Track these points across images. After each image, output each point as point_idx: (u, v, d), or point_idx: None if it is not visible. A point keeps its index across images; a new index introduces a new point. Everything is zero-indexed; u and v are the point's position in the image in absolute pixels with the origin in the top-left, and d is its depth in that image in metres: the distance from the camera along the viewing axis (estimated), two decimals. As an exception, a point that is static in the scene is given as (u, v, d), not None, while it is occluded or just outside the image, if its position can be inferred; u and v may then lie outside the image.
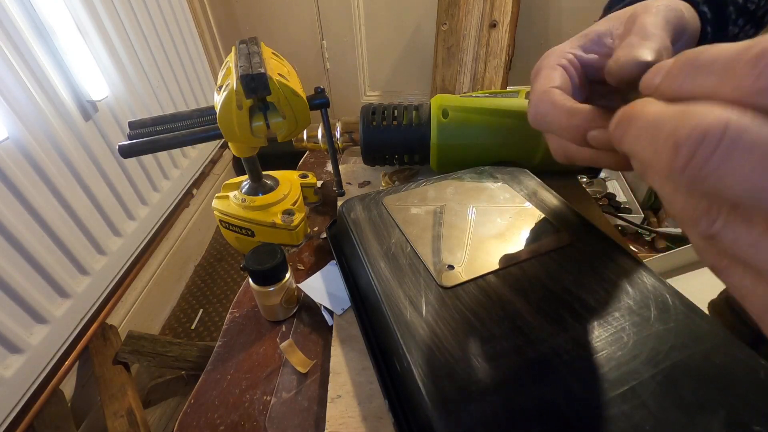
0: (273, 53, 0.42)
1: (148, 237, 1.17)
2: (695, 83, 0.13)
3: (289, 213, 0.45)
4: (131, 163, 1.09)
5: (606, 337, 0.24)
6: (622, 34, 0.22)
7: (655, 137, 0.13)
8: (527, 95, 0.45)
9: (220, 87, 0.38)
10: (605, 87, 0.24)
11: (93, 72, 0.97)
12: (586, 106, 0.20)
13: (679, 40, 0.23)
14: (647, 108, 0.14)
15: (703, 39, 0.26)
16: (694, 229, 0.13)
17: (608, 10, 0.30)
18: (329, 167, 0.61)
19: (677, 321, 0.25)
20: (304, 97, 0.38)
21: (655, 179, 0.14)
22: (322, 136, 0.54)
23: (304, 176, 0.51)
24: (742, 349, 0.23)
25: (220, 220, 0.47)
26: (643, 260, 0.30)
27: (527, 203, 0.37)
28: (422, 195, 0.39)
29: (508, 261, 0.30)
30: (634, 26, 0.21)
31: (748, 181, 0.11)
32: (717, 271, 0.14)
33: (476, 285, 0.29)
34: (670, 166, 0.12)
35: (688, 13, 0.24)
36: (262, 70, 0.34)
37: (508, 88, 0.50)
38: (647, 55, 0.19)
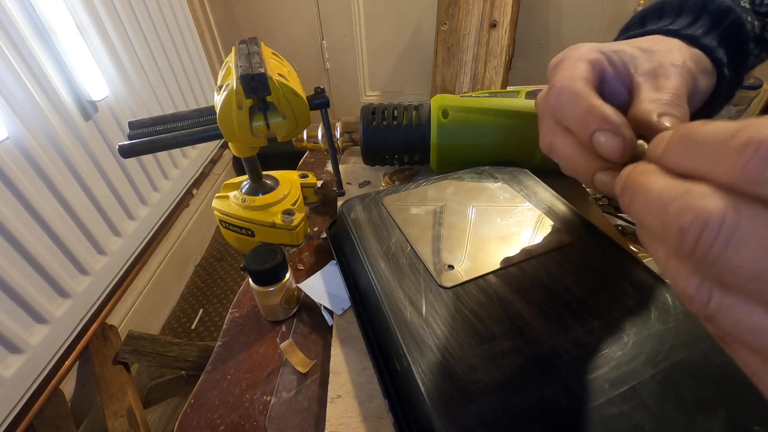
0: (273, 53, 0.42)
1: (148, 237, 1.17)
2: (691, 161, 0.13)
3: (289, 213, 0.45)
4: (131, 163, 1.09)
5: (606, 337, 0.24)
6: (645, 79, 0.23)
7: (662, 215, 0.13)
8: (527, 95, 0.45)
9: (220, 87, 0.38)
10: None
11: (93, 72, 0.97)
12: (611, 110, 0.20)
13: (690, 101, 0.24)
14: (653, 181, 0.14)
15: (721, 81, 0.25)
16: (690, 305, 0.13)
17: (625, 31, 0.30)
18: (329, 167, 0.61)
19: (677, 321, 0.25)
20: (304, 97, 0.38)
21: (659, 250, 0.15)
22: (322, 136, 0.54)
23: (304, 176, 0.51)
24: (742, 349, 0.23)
25: (220, 220, 0.47)
26: (643, 260, 0.30)
27: (527, 203, 0.37)
28: (422, 195, 0.39)
29: (508, 261, 0.30)
30: (660, 85, 0.22)
31: (748, 268, 0.11)
32: (723, 345, 0.14)
33: (476, 285, 0.29)
34: (678, 248, 0.12)
35: (699, 65, 0.24)
36: (262, 70, 0.34)
37: (508, 88, 0.50)
38: (669, 125, 0.20)
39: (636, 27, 0.29)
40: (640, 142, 0.20)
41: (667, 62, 0.23)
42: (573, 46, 0.25)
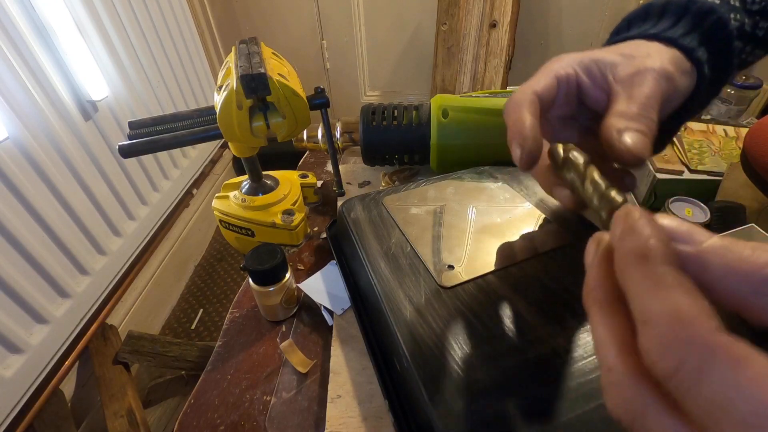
0: (273, 53, 0.42)
1: (148, 237, 1.17)
2: (624, 284, 0.14)
3: (289, 213, 0.45)
4: (131, 163, 1.09)
5: (606, 337, 0.24)
6: (621, 87, 0.24)
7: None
8: None
9: (220, 87, 0.38)
10: (590, 112, 0.26)
11: (93, 72, 0.97)
12: (527, 121, 0.23)
13: (668, 106, 0.25)
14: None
15: (701, 80, 0.26)
16: None
17: (614, 35, 0.31)
18: (329, 167, 0.61)
19: (677, 321, 0.25)
20: (304, 97, 0.38)
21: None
22: (322, 136, 0.54)
23: (304, 176, 0.51)
24: (742, 349, 0.23)
25: (220, 220, 0.47)
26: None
27: (527, 203, 0.37)
28: (422, 195, 0.39)
29: (507, 261, 0.30)
30: (633, 93, 0.23)
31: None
32: None
33: (476, 285, 0.29)
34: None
35: (678, 66, 0.25)
36: (262, 70, 0.34)
37: (508, 88, 0.50)
38: (635, 147, 0.21)
39: (623, 30, 0.30)
40: (571, 149, 0.23)
41: (644, 67, 0.24)
42: (556, 58, 0.27)
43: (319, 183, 0.56)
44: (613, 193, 0.19)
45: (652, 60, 0.24)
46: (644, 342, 0.12)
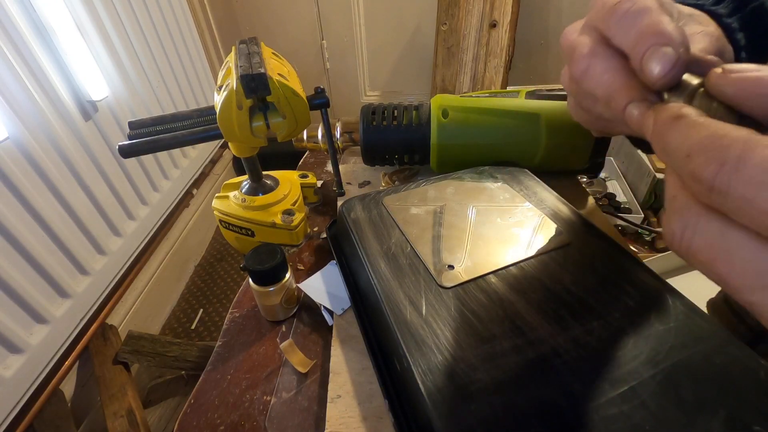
0: (273, 53, 0.42)
1: (148, 237, 1.17)
2: (666, 158, 0.16)
3: (289, 213, 0.45)
4: (131, 163, 1.09)
5: (606, 337, 0.24)
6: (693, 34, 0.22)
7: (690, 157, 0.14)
8: (527, 95, 0.45)
9: (220, 87, 0.38)
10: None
11: (93, 72, 0.97)
12: (674, 27, 0.18)
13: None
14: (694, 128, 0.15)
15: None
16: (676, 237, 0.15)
17: None
18: (329, 167, 0.61)
19: (677, 321, 0.25)
20: (304, 97, 0.38)
21: (672, 176, 0.16)
22: (322, 136, 0.54)
23: (304, 176, 0.51)
24: (742, 349, 0.23)
25: (220, 220, 0.47)
26: (643, 260, 0.30)
27: (527, 203, 0.37)
28: (422, 195, 0.39)
29: (507, 261, 0.30)
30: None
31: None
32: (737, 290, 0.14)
33: (476, 285, 0.29)
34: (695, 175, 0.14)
35: (724, 46, 0.24)
36: (262, 70, 0.34)
37: (508, 88, 0.50)
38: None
39: None
40: (686, 75, 0.18)
41: (708, 29, 0.23)
42: None
43: (319, 183, 0.56)
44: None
45: (711, 27, 0.23)
46: (690, 165, 0.14)
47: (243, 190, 0.47)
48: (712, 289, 0.42)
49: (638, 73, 0.19)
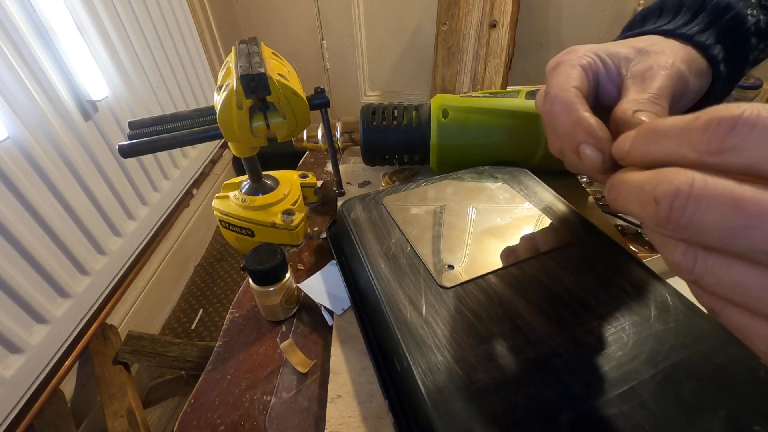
0: (273, 53, 0.42)
1: (148, 237, 1.17)
2: (658, 149, 0.15)
3: (289, 213, 0.45)
4: (131, 163, 1.09)
5: (606, 337, 0.24)
6: (633, 81, 0.24)
7: (640, 197, 0.15)
8: (527, 95, 0.45)
9: (220, 87, 0.38)
10: (598, 106, 0.26)
11: (93, 72, 0.97)
12: (596, 121, 0.22)
13: (679, 102, 0.25)
14: (631, 175, 0.16)
15: (717, 78, 0.26)
16: (679, 272, 0.15)
17: (627, 30, 0.30)
18: (329, 167, 0.61)
19: (677, 321, 0.25)
20: (304, 97, 0.38)
21: (647, 231, 0.17)
22: (322, 136, 0.54)
23: (304, 176, 0.51)
24: (742, 349, 0.23)
25: (220, 220, 0.47)
26: (643, 260, 0.30)
27: (527, 203, 0.37)
28: (422, 195, 0.39)
29: (508, 261, 0.30)
30: (645, 87, 0.23)
31: (717, 226, 0.13)
32: (715, 314, 0.15)
33: (476, 285, 0.29)
34: (655, 219, 0.14)
35: (692, 65, 0.25)
36: (262, 70, 0.34)
37: (508, 88, 0.50)
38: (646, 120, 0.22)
39: (638, 25, 0.30)
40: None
41: (656, 64, 0.24)
42: (570, 49, 0.26)
43: (319, 183, 0.56)
44: None
45: (665, 57, 0.24)
46: (699, 132, 0.14)
47: (243, 190, 0.47)
48: (712, 289, 0.42)
49: (618, 121, 0.22)
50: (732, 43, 0.26)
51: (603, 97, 0.26)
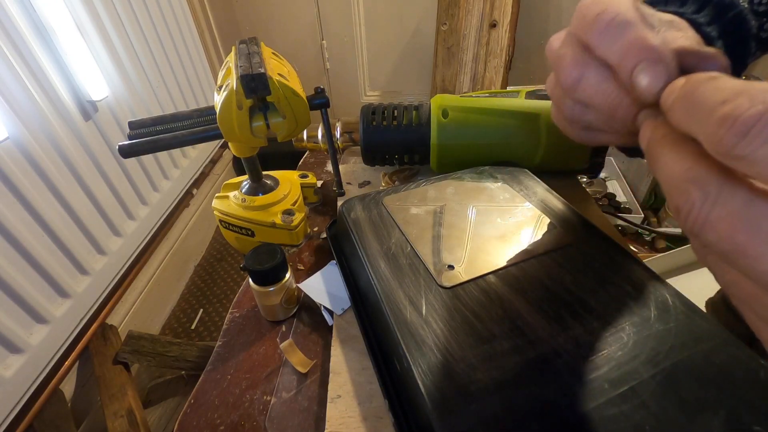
0: (273, 53, 0.42)
1: (148, 237, 1.17)
2: (688, 121, 0.15)
3: (289, 213, 0.45)
4: (131, 163, 1.09)
5: (606, 337, 0.24)
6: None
7: (668, 192, 0.15)
8: (527, 95, 0.45)
9: (220, 87, 0.38)
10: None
11: (93, 72, 0.97)
12: (659, 41, 0.19)
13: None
14: (664, 159, 0.16)
15: None
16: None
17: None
18: (329, 167, 0.61)
19: (677, 321, 0.25)
20: (304, 97, 0.38)
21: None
22: (322, 136, 0.54)
23: (304, 176, 0.51)
24: (742, 349, 0.23)
25: (220, 220, 0.47)
26: (643, 260, 0.30)
27: (527, 203, 0.37)
28: (422, 195, 0.39)
29: (508, 261, 0.30)
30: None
31: (724, 240, 0.13)
32: (727, 285, 0.15)
33: (476, 285, 0.29)
34: (680, 222, 0.14)
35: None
36: (262, 70, 0.34)
37: (508, 88, 0.50)
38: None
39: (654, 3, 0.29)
40: None
41: (688, 34, 0.22)
42: None
43: (319, 183, 0.56)
44: None
45: (691, 32, 0.23)
46: (717, 123, 0.13)
47: (243, 190, 0.47)
48: (711, 289, 0.43)
49: (627, 87, 0.19)
50: (731, 41, 0.26)
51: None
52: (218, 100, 0.37)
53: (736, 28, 0.26)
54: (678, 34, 0.21)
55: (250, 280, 0.36)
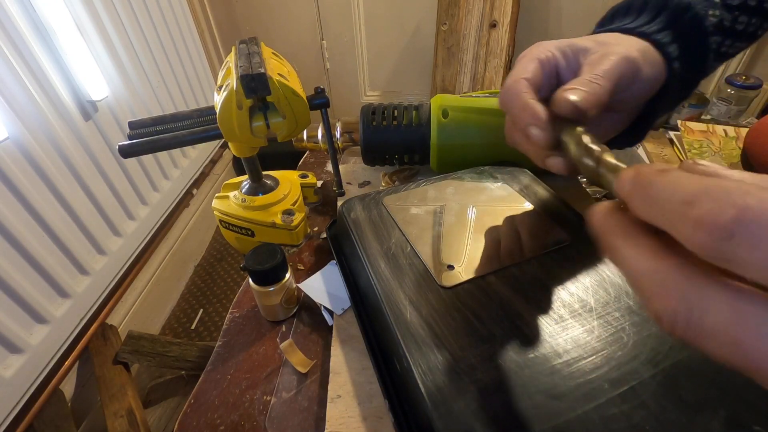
0: (273, 53, 0.42)
1: (148, 237, 1.17)
2: (654, 215, 0.13)
3: (289, 213, 0.45)
4: (131, 163, 1.09)
5: (606, 337, 0.24)
6: (587, 68, 0.26)
7: (640, 293, 0.14)
8: None
9: (220, 87, 0.38)
10: None
11: (93, 72, 0.97)
12: (538, 106, 0.24)
13: (632, 85, 0.27)
14: (624, 253, 0.15)
15: (671, 74, 0.28)
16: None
17: (598, 27, 0.33)
18: (329, 167, 0.61)
19: (677, 321, 0.25)
20: (304, 97, 0.38)
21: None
22: (322, 136, 0.54)
23: (304, 176, 0.51)
24: (742, 349, 0.23)
25: (220, 220, 0.47)
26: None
27: (527, 203, 0.37)
28: (422, 195, 0.39)
29: (507, 261, 0.30)
30: (593, 70, 0.25)
31: (722, 350, 0.12)
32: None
33: (476, 285, 0.29)
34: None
35: (647, 56, 0.27)
36: (262, 70, 0.34)
37: (508, 88, 0.50)
38: (572, 98, 0.23)
39: (607, 23, 0.32)
40: (579, 129, 0.22)
41: (609, 52, 0.26)
42: (537, 44, 0.28)
43: (319, 183, 0.56)
44: (609, 157, 0.19)
45: (620, 47, 0.26)
46: (693, 227, 0.12)
47: (243, 190, 0.47)
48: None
49: (554, 103, 0.24)
50: (690, 42, 0.28)
51: (565, 83, 0.28)
52: (218, 100, 0.37)
53: (692, 29, 0.28)
54: (596, 56, 0.26)
55: (250, 280, 0.36)
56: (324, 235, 0.46)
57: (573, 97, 0.23)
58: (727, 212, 0.11)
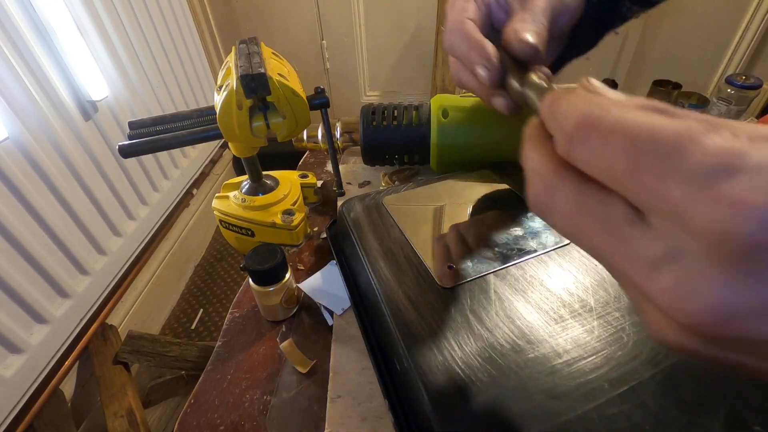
0: (273, 53, 0.42)
1: (148, 237, 1.17)
2: (548, 123, 0.15)
3: (289, 213, 0.45)
4: (131, 163, 1.09)
5: (606, 337, 0.24)
6: (517, 3, 0.27)
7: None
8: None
9: (220, 87, 0.38)
10: (495, 33, 0.29)
11: (93, 72, 0.97)
12: (488, 45, 0.26)
13: (560, 18, 0.28)
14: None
15: (589, 6, 0.30)
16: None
17: None
18: (329, 167, 0.61)
19: (677, 321, 0.25)
20: (304, 97, 0.38)
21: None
22: (322, 136, 0.54)
23: (304, 176, 0.51)
24: (742, 349, 0.23)
25: (220, 220, 0.47)
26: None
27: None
28: (422, 195, 0.39)
29: (507, 260, 0.30)
30: (527, 6, 0.26)
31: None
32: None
33: (476, 285, 0.29)
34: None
35: None
36: (262, 70, 0.34)
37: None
38: (530, 39, 0.24)
39: None
40: (526, 66, 0.23)
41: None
42: None
43: (319, 183, 0.56)
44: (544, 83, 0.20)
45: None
46: (555, 132, 0.14)
47: (243, 190, 0.47)
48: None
49: (508, 46, 0.25)
50: None
51: (496, 23, 0.30)
52: (218, 100, 0.37)
53: None
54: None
55: (250, 280, 0.36)
56: (324, 235, 0.46)
57: (530, 38, 0.24)
58: (571, 119, 0.13)
